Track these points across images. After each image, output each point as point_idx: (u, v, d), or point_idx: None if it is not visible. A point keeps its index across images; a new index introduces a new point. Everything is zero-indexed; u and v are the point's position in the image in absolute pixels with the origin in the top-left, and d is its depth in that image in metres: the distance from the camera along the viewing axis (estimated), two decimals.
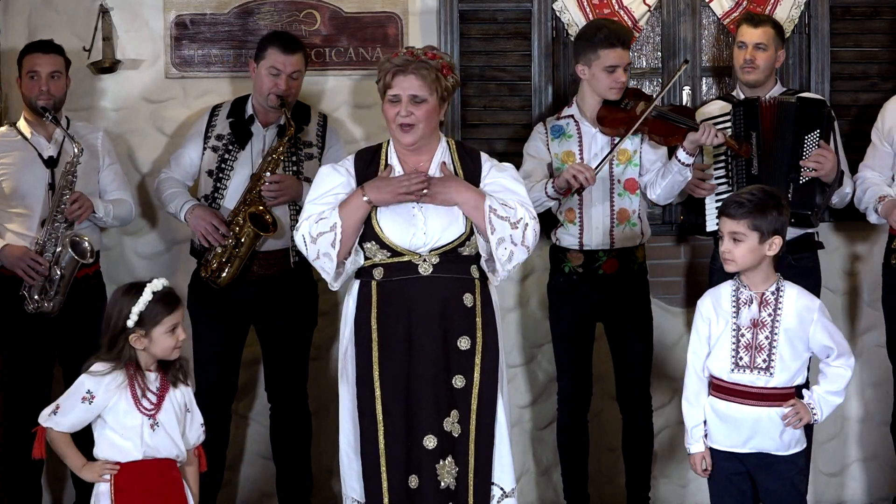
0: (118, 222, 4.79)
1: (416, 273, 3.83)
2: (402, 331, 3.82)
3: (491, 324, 3.90)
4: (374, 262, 3.87)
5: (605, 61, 4.57)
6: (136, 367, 3.55)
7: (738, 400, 3.74)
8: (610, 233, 4.65)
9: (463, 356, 3.84)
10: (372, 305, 3.86)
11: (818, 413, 3.77)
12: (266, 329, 4.79)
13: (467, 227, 3.85)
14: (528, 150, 4.73)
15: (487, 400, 3.84)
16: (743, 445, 3.76)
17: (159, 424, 3.56)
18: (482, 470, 3.83)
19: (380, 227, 3.83)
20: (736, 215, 3.70)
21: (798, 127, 4.57)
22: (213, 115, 4.81)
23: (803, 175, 4.54)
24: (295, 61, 4.68)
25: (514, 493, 3.90)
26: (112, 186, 4.79)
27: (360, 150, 4.06)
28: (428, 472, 3.80)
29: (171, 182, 4.78)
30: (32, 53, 4.67)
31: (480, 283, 3.91)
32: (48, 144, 4.69)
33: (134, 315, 3.51)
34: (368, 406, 3.82)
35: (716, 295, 3.83)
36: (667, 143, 4.65)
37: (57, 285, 4.53)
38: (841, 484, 5.24)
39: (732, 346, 3.75)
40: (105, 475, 3.53)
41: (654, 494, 4.94)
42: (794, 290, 3.79)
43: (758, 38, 4.70)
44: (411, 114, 3.83)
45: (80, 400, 3.51)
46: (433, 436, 3.79)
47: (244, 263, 4.61)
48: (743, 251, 3.71)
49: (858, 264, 5.20)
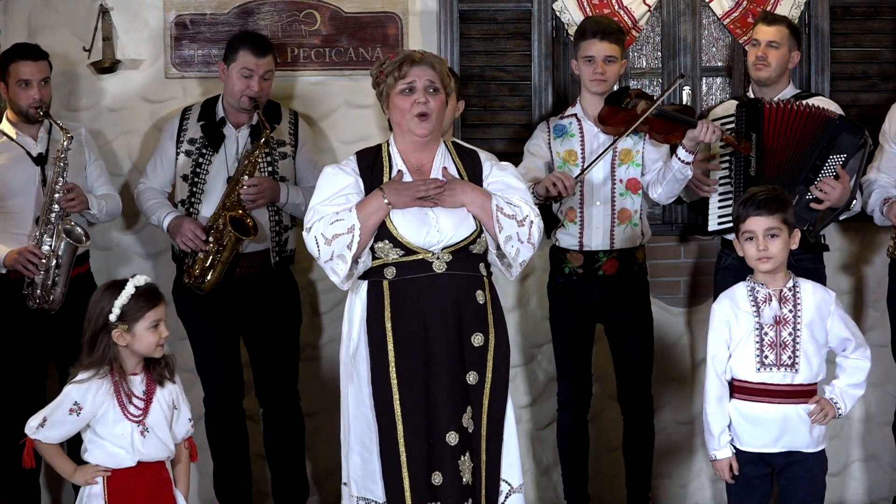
0: (109, 217, 4.80)
1: (431, 271, 3.81)
2: (417, 328, 3.80)
3: (501, 320, 3.91)
4: (385, 262, 3.84)
5: (584, 52, 4.61)
6: (120, 373, 3.53)
7: (766, 399, 3.73)
8: (610, 233, 4.64)
9: (476, 353, 3.83)
10: (385, 305, 3.83)
11: (842, 407, 3.78)
12: (252, 331, 4.78)
13: (478, 225, 3.86)
14: (529, 148, 4.74)
15: (498, 396, 3.85)
16: (774, 445, 3.75)
17: (149, 430, 3.55)
18: (492, 466, 3.84)
19: (394, 226, 3.82)
20: (768, 211, 3.70)
21: (828, 144, 4.51)
22: (183, 117, 4.80)
23: (811, 194, 4.52)
24: (266, 62, 4.68)
25: (521, 489, 3.90)
26: (99, 182, 4.80)
27: (360, 150, 4.04)
28: (451, 469, 3.78)
29: (150, 193, 4.79)
30: (22, 61, 4.61)
31: (489, 281, 3.92)
32: (35, 143, 4.68)
33: (116, 309, 3.48)
34: (387, 405, 3.80)
35: (732, 297, 3.82)
36: (667, 141, 4.65)
37: (54, 275, 4.53)
38: (842, 484, 5.24)
39: (756, 346, 3.74)
40: (97, 478, 3.53)
41: (654, 494, 4.93)
42: (808, 284, 3.81)
43: (771, 36, 4.68)
44: (428, 101, 3.82)
45: (67, 412, 3.50)
46: (454, 432, 3.78)
47: (227, 267, 4.62)
48: (780, 246, 3.71)
49: (860, 264, 5.20)
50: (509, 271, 3.94)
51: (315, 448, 5.12)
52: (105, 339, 3.50)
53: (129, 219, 5.10)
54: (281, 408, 4.83)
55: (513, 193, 3.88)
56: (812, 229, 4.54)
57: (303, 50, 5.11)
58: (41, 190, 4.62)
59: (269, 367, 4.79)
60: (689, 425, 5.17)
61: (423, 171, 3.91)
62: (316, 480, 5.16)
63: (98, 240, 5.07)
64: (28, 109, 4.63)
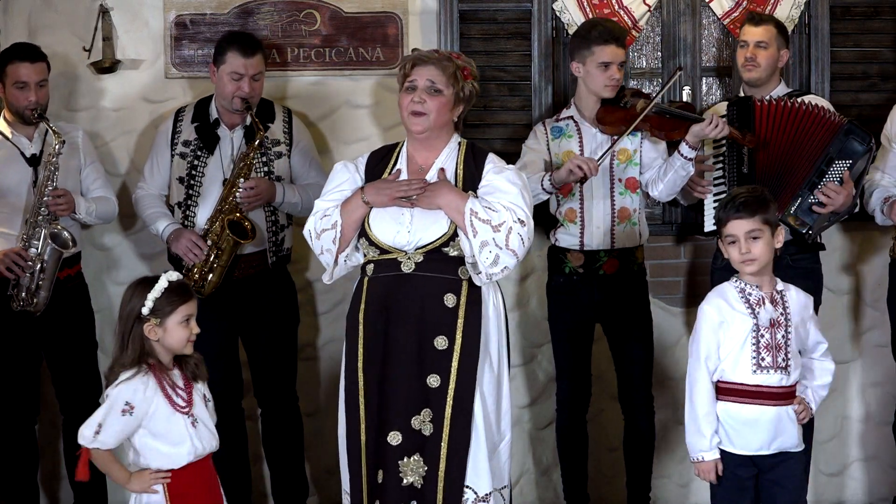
0: (101, 220, 4.79)
1: (399, 270, 3.87)
2: (380, 326, 3.87)
3: (474, 325, 3.86)
4: (368, 259, 3.95)
5: (599, 57, 4.58)
6: (160, 367, 3.53)
7: (761, 402, 3.71)
8: (611, 232, 4.64)
9: (439, 356, 3.84)
10: (361, 300, 3.92)
11: (813, 408, 3.84)
12: (250, 331, 4.79)
13: (451, 228, 3.86)
14: (528, 144, 4.74)
15: (463, 401, 3.82)
16: (769, 447, 3.74)
17: (197, 420, 3.55)
18: (453, 471, 3.81)
19: (369, 226, 3.91)
20: (749, 213, 3.69)
21: (837, 150, 4.49)
22: (177, 119, 4.81)
23: (814, 197, 4.50)
24: (255, 63, 4.67)
25: (490, 498, 3.85)
26: (95, 185, 4.79)
27: (377, 148, 4.13)
28: (391, 468, 3.81)
29: (148, 200, 4.78)
30: (20, 62, 4.61)
31: (469, 284, 3.90)
32: (30, 143, 4.68)
33: (149, 302, 3.48)
34: (353, 400, 3.88)
35: (724, 297, 3.78)
36: (669, 138, 4.65)
37: (38, 279, 4.52)
38: (841, 484, 5.24)
39: (753, 348, 3.72)
40: (156, 485, 3.49)
41: (654, 494, 4.93)
42: (791, 288, 3.83)
43: (759, 37, 4.69)
44: (424, 101, 3.88)
45: (119, 414, 3.45)
46: (398, 432, 3.81)
47: (226, 270, 4.62)
48: (762, 248, 3.71)
49: (860, 264, 5.20)
50: (477, 276, 3.89)
51: (315, 448, 5.12)
52: (138, 334, 3.50)
53: (127, 220, 5.09)
54: (279, 408, 4.83)
55: (501, 197, 3.85)
56: (811, 232, 4.54)
57: (303, 50, 5.11)
58: (32, 191, 4.62)
59: (267, 367, 4.80)
60: None
61: (426, 170, 3.95)
62: (316, 480, 5.16)
63: (95, 241, 5.07)
64: (24, 111, 4.63)
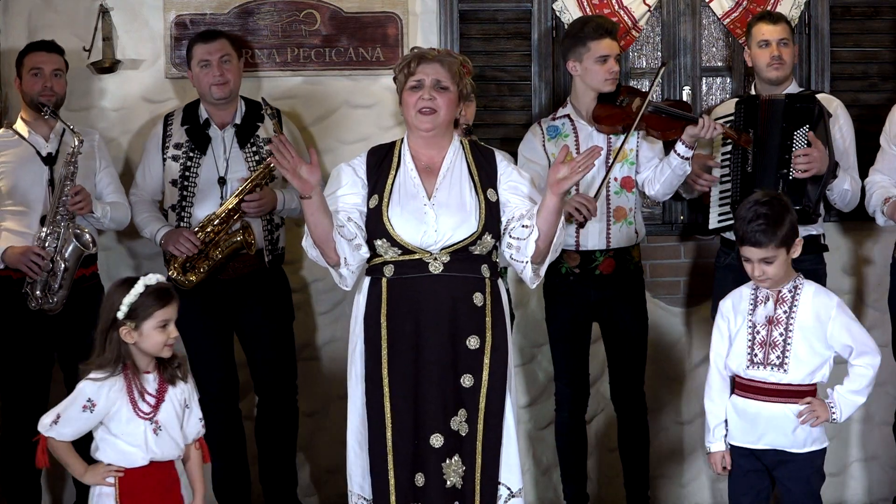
0: (115, 224, 4.79)
1: (427, 272, 3.80)
2: (410, 329, 3.80)
3: (500, 323, 3.87)
4: (384, 260, 3.84)
5: (597, 52, 4.58)
6: (133, 371, 3.52)
7: (754, 396, 3.77)
8: (607, 232, 4.64)
9: (472, 355, 3.81)
10: (382, 303, 3.83)
11: (837, 413, 3.76)
12: (246, 329, 4.79)
13: (479, 227, 3.83)
14: (524, 153, 4.72)
15: (495, 399, 3.82)
16: (757, 441, 3.78)
17: (161, 428, 3.53)
18: (489, 469, 3.81)
19: (391, 225, 3.80)
20: (763, 243, 3.68)
21: (787, 123, 4.52)
22: (167, 124, 4.82)
23: (794, 172, 4.49)
24: (218, 46, 4.71)
25: (521, 493, 3.88)
26: (109, 189, 4.80)
27: (373, 146, 4.03)
28: (434, 471, 3.78)
29: (141, 206, 4.81)
30: (36, 52, 4.69)
31: (491, 283, 3.87)
32: (45, 143, 4.70)
33: (124, 306, 3.46)
34: (377, 404, 3.81)
35: (737, 295, 3.87)
36: (665, 138, 4.65)
37: (61, 278, 4.53)
38: (841, 484, 5.24)
39: (748, 343, 3.77)
40: (109, 478, 3.50)
41: (653, 494, 4.93)
42: (811, 287, 3.81)
43: (781, 34, 4.66)
44: (434, 98, 3.83)
45: (80, 409, 3.47)
46: (440, 434, 3.77)
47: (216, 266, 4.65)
48: (776, 269, 3.72)
49: (861, 265, 5.20)
50: (535, 279, 3.86)
51: (315, 448, 5.12)
52: (114, 337, 3.48)
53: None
54: (277, 400, 4.83)
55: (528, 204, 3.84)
56: (810, 206, 4.51)
57: (303, 50, 5.11)
58: (49, 190, 4.63)
59: (266, 362, 4.80)
60: (689, 425, 5.16)
61: (433, 168, 3.89)
62: (316, 480, 5.16)
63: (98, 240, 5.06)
64: (38, 98, 4.64)
